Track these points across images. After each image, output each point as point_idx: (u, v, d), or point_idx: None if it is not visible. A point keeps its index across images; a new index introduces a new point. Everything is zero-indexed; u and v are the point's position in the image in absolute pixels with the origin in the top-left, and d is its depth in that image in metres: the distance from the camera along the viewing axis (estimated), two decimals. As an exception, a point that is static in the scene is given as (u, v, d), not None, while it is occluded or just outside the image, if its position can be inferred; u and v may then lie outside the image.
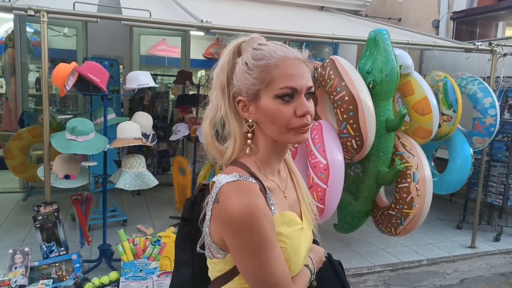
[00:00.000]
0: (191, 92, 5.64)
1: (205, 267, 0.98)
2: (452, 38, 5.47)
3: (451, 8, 5.80)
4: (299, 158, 3.78)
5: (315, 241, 1.12)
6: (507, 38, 4.75)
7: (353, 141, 3.22)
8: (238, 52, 0.92)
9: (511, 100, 4.08)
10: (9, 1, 2.71)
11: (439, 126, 3.58)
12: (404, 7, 6.45)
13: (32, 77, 5.99)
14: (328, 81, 3.26)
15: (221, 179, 0.87)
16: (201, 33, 6.82)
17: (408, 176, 3.22)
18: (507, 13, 5.49)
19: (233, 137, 0.92)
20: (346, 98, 3.13)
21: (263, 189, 0.88)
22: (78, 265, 2.79)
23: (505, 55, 3.88)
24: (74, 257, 2.81)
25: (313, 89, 0.90)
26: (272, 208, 0.90)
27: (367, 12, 6.23)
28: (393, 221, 3.33)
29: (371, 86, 3.22)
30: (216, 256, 0.90)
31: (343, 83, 3.15)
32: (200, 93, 4.80)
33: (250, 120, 0.90)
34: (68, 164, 2.94)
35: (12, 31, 5.32)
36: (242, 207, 0.81)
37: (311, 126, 0.92)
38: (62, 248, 2.86)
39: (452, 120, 3.73)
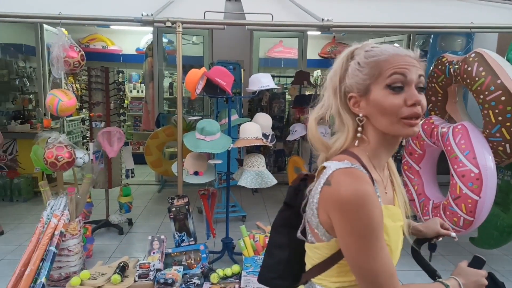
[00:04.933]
0: (307, 93, 5.63)
1: (301, 253, 1.04)
2: None
3: None
4: (426, 161, 3.46)
5: (479, 259, 1.03)
6: None
7: (507, 145, 2.82)
8: (351, 57, 0.97)
9: None
10: (152, 15, 3.06)
11: None
12: None
13: (166, 82, 6.73)
14: (476, 79, 2.88)
15: (332, 165, 0.90)
16: (318, 33, 6.78)
17: None
18: None
19: (346, 129, 0.96)
20: (503, 98, 2.74)
21: (371, 180, 0.90)
22: (205, 255, 3.02)
23: None
24: (202, 247, 3.05)
25: (423, 83, 0.92)
26: (379, 199, 0.91)
27: (511, -6, 5.38)
28: None
29: None
30: (321, 239, 0.94)
31: (499, 81, 2.76)
32: (317, 93, 4.75)
33: (360, 115, 0.94)
34: (197, 162, 3.20)
35: (152, 42, 6.05)
36: (353, 191, 0.83)
37: (452, 127, 0.86)
38: (192, 239, 3.12)
39: None
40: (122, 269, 2.73)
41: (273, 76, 6.79)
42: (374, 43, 1.00)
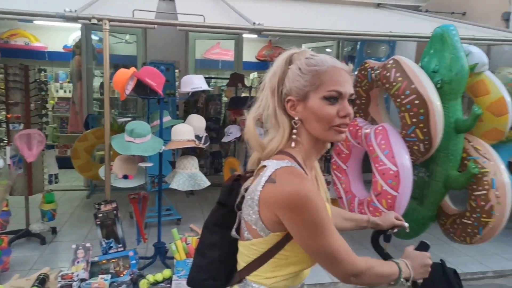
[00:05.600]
0: (243, 95, 5.68)
1: (233, 252, 1.09)
2: (526, 32, 4.99)
3: (524, -1, 5.30)
4: (352, 161, 3.65)
5: (424, 244, 1.19)
6: None
7: (421, 145, 3.06)
8: (289, 61, 1.04)
9: None
10: (75, 11, 2.90)
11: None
12: (469, 0, 6.01)
13: (96, 82, 6.39)
14: (394, 83, 3.10)
15: (273, 164, 0.98)
16: (254, 36, 6.88)
17: (486, 182, 2.98)
18: None
19: (281, 131, 1.02)
20: (417, 101, 2.96)
21: None
22: (134, 261, 2.91)
23: None
24: (131, 253, 2.94)
25: (354, 96, 1.03)
26: None
27: (427, 7, 5.89)
28: (469, 230, 3.10)
29: (438, 86, 3.03)
30: (259, 235, 1.00)
31: (413, 86, 2.98)
32: (252, 95, 4.82)
33: (296, 118, 1.01)
34: (127, 165, 3.08)
35: (79, 40, 5.73)
36: (298, 187, 0.91)
37: (374, 128, 0.98)
38: (120, 245, 3.00)
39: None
40: (42, 282, 2.54)
41: (210, 78, 6.81)
42: (310, 49, 1.08)
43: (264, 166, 1.00)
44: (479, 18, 5.49)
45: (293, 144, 1.02)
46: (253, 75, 7.58)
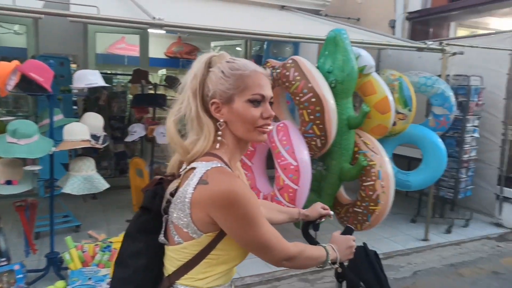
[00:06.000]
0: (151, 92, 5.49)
1: (159, 258, 1.08)
2: (408, 38, 5.61)
3: (406, 8, 5.96)
4: (257, 157, 3.75)
5: (349, 228, 1.29)
6: (456, 38, 4.94)
7: (318, 140, 3.25)
8: (209, 64, 1.06)
9: (460, 97, 4.23)
10: None
11: (394, 124, 3.66)
12: (363, 7, 6.57)
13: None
14: (293, 82, 3.24)
15: (202, 165, 1.00)
16: (162, 32, 6.69)
17: (373, 174, 3.27)
18: (458, 13, 5.70)
19: (206, 133, 1.04)
20: (313, 99, 3.14)
21: None
22: (21, 275, 2.63)
23: (454, 54, 4.01)
24: (17, 267, 2.65)
25: (273, 99, 1.09)
26: None
27: (327, 11, 6.29)
28: (359, 217, 3.39)
29: (332, 85, 3.25)
30: (191, 237, 1.00)
31: (310, 85, 3.15)
32: (158, 92, 4.67)
33: (221, 120, 1.04)
34: (10, 169, 2.77)
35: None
36: (231, 185, 0.96)
37: (276, 125, 1.03)
38: (4, 259, 2.68)
39: (407, 118, 3.83)
40: None
41: (114, 74, 6.43)
42: (218, 48, 1.10)
43: (193, 168, 1.01)
44: (371, 24, 6.04)
45: (218, 146, 1.04)
46: (162, 71, 7.36)
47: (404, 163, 4.54)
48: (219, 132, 1.05)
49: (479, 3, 5.19)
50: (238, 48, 6.68)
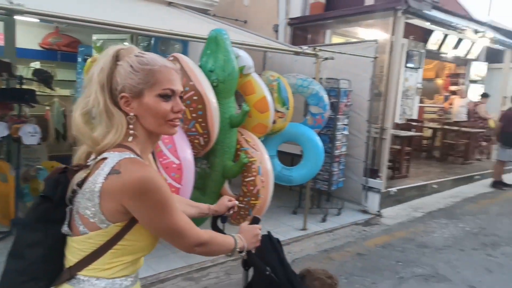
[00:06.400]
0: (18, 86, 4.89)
1: (59, 249, 1.06)
2: (289, 43, 6.02)
3: (288, 14, 6.38)
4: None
5: (256, 218, 1.40)
6: (328, 45, 5.47)
7: (201, 138, 3.27)
8: (117, 57, 1.06)
9: (332, 98, 4.69)
10: None
11: (274, 122, 3.89)
12: (250, 10, 6.84)
13: None
14: None
15: (114, 156, 1.00)
16: (36, 20, 6.00)
17: (254, 170, 3.42)
18: (332, 22, 6.32)
19: (116, 126, 1.04)
20: (195, 97, 3.14)
21: None
22: None
23: (326, 59, 4.44)
24: None
25: (183, 93, 1.14)
26: None
27: (216, 12, 6.38)
28: (242, 212, 3.50)
29: (215, 84, 3.30)
30: (98, 227, 1.01)
31: (191, 83, 3.14)
32: (26, 87, 4.18)
33: (131, 114, 1.06)
34: None
35: None
36: (145, 173, 0.98)
37: None
38: None
39: (285, 116, 4.11)
40: None
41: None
42: (133, 46, 1.11)
43: (104, 159, 1.01)
44: (257, 27, 6.33)
45: (130, 139, 1.06)
46: (35, 64, 6.62)
47: (288, 159, 4.86)
48: (131, 126, 1.06)
49: (348, 13, 5.82)
50: (125, 43, 6.36)
